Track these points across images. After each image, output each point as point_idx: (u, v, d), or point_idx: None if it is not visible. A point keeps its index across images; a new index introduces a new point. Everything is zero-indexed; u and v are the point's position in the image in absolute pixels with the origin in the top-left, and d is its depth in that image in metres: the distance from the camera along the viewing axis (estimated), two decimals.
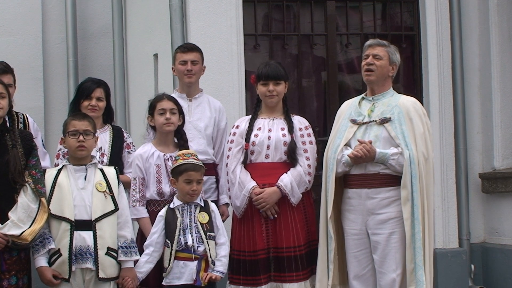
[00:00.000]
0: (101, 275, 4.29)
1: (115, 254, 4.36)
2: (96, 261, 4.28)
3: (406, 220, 4.53)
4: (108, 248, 4.32)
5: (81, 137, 4.38)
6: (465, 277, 6.53)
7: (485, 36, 6.67)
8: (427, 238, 4.57)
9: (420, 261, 4.53)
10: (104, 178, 4.42)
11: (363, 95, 4.90)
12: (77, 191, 4.36)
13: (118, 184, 4.48)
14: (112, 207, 4.38)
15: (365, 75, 4.79)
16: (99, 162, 4.62)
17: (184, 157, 4.60)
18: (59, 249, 4.28)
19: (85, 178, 4.39)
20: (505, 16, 6.64)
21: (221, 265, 4.55)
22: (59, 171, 4.42)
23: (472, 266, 6.58)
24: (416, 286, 4.52)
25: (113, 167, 4.59)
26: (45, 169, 4.51)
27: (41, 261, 4.29)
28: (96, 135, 4.57)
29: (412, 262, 4.54)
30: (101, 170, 4.47)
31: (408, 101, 4.78)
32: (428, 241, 4.58)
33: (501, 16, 6.63)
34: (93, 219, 4.31)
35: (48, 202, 4.30)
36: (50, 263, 4.30)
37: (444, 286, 6.23)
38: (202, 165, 4.63)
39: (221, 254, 4.56)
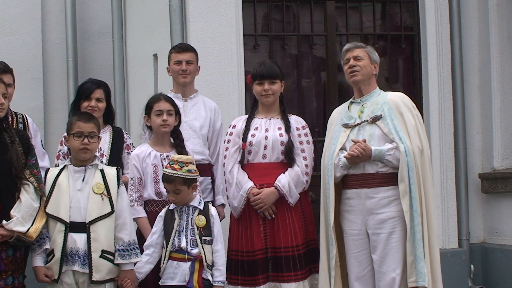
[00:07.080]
0: (94, 277, 4.25)
1: (111, 257, 4.31)
2: (90, 264, 4.24)
3: (406, 213, 4.53)
4: (103, 251, 4.28)
5: (86, 140, 4.35)
6: (465, 277, 6.53)
7: (485, 36, 6.67)
8: (426, 230, 4.55)
9: (421, 253, 4.51)
10: (104, 179, 4.38)
11: (351, 99, 4.90)
12: (74, 192, 4.33)
13: (119, 185, 4.42)
14: (109, 210, 4.33)
15: (350, 77, 4.80)
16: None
17: (167, 165, 4.52)
18: (53, 249, 4.27)
19: (83, 180, 4.36)
20: (504, 16, 6.64)
21: (220, 275, 4.47)
22: (60, 171, 4.40)
23: (472, 266, 6.59)
24: (417, 278, 4.50)
25: (115, 167, 4.52)
26: (48, 168, 4.50)
27: (37, 260, 4.30)
28: (100, 135, 4.55)
29: (412, 254, 4.51)
30: (102, 171, 4.41)
31: (396, 96, 4.80)
32: (427, 233, 4.56)
33: (501, 16, 6.63)
34: (87, 221, 4.27)
35: (47, 201, 4.30)
36: (47, 263, 4.30)
37: (444, 286, 6.20)
38: (181, 176, 4.42)
39: (218, 263, 4.48)
